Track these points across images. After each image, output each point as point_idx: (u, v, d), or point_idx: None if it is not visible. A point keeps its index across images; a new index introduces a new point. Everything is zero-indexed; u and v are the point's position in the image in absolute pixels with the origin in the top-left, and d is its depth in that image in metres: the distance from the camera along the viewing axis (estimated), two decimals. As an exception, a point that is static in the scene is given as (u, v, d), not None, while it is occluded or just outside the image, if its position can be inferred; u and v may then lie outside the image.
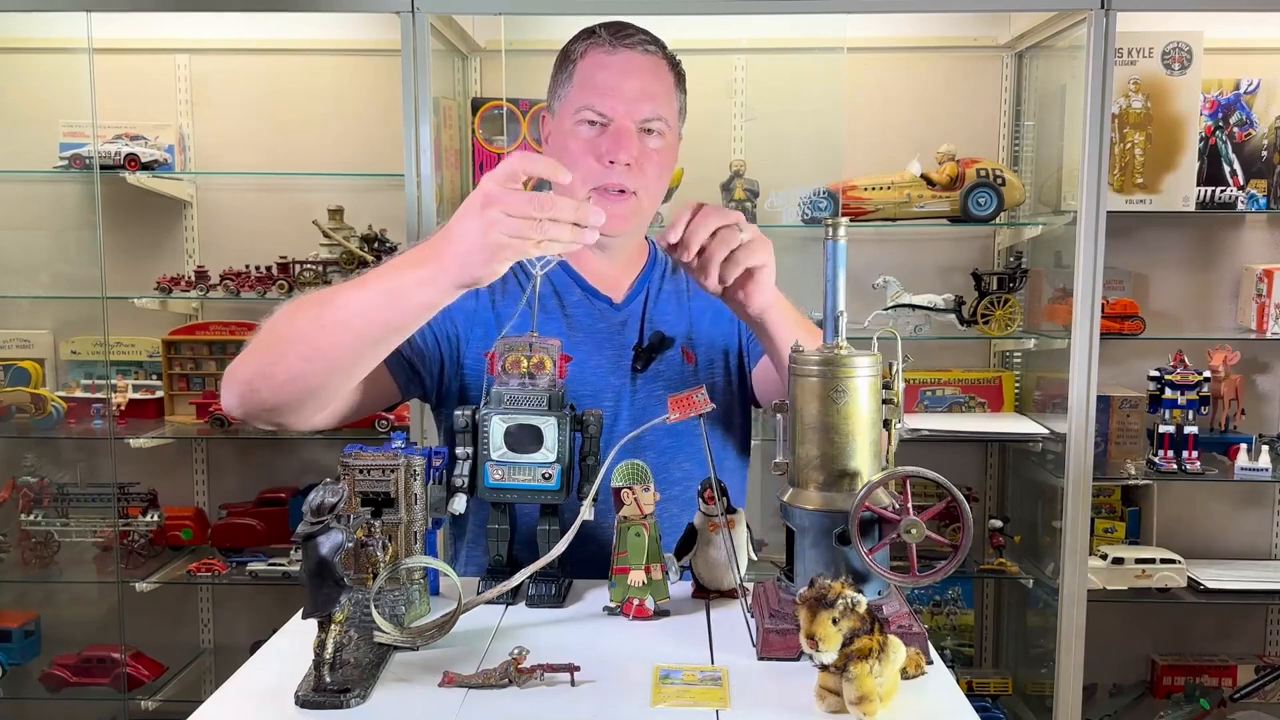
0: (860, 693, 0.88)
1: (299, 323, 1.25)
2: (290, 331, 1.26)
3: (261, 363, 1.28)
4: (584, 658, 1.00)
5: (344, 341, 1.22)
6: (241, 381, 1.29)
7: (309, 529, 0.91)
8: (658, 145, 1.47)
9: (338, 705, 0.93)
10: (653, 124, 1.46)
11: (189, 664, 2.95)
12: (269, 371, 1.27)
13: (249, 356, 1.30)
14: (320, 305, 1.24)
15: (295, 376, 1.25)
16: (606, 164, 1.44)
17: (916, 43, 2.88)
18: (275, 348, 1.27)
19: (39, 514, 2.78)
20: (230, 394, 1.31)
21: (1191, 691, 2.82)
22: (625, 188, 1.45)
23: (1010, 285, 2.69)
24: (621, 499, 1.16)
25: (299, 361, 1.24)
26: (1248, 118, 2.73)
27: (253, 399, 1.30)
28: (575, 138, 1.46)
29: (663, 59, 1.50)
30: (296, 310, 1.27)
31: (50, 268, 2.90)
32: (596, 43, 1.47)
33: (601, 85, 1.44)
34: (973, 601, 2.96)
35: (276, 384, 1.27)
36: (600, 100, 1.44)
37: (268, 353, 1.28)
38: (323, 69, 2.90)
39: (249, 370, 1.29)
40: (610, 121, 1.44)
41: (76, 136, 2.70)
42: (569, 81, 1.48)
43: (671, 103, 1.50)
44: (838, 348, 1.07)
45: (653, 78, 1.47)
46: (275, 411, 1.31)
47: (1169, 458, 2.65)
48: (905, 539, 1.00)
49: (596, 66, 1.46)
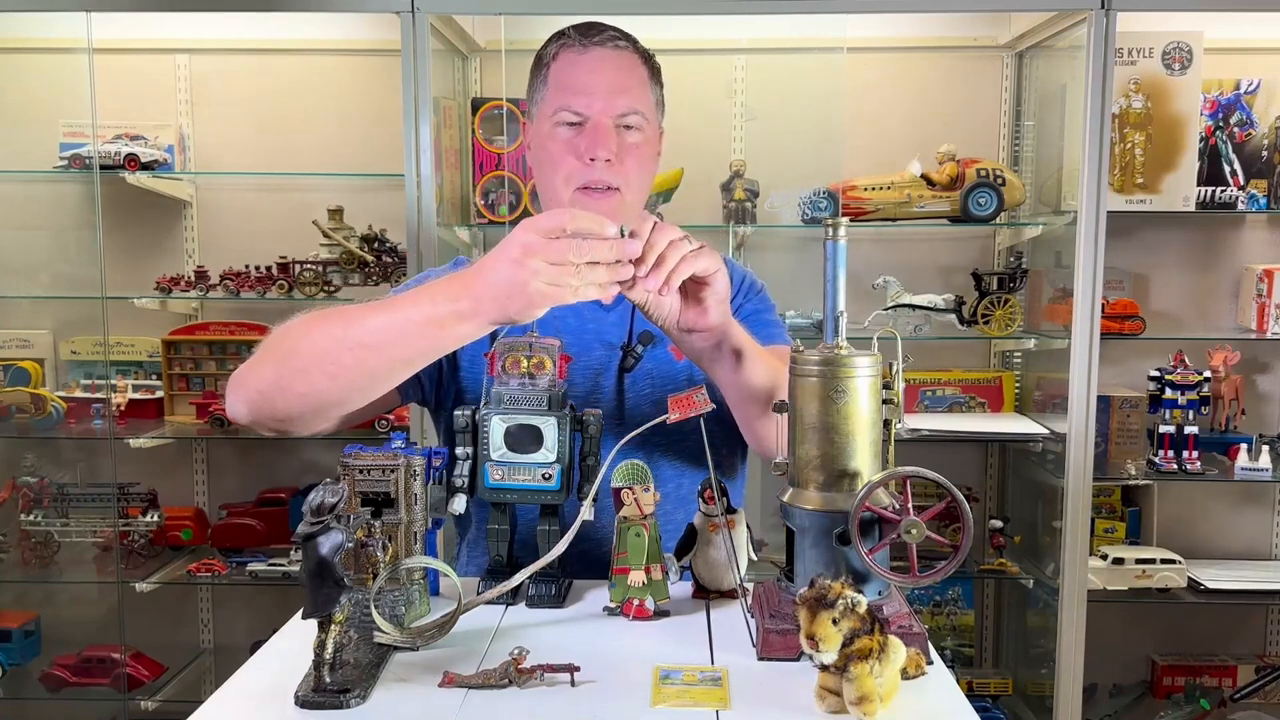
0: (860, 693, 0.88)
1: (321, 341, 1.24)
2: (311, 348, 1.25)
3: (279, 375, 1.27)
4: (584, 658, 1.00)
5: (373, 363, 1.22)
6: (254, 391, 1.29)
7: (309, 529, 0.91)
8: (636, 139, 1.47)
9: (338, 705, 0.93)
10: (629, 118, 1.46)
11: (189, 664, 2.95)
12: (287, 385, 1.26)
13: (262, 366, 1.29)
14: (345, 325, 1.23)
15: (316, 392, 1.25)
16: (587, 161, 1.44)
17: (916, 43, 2.88)
18: (294, 362, 1.26)
19: (39, 514, 2.78)
20: (238, 401, 1.30)
21: (1191, 691, 2.82)
22: (609, 184, 1.46)
23: (1010, 285, 2.69)
24: (621, 499, 1.16)
25: (323, 379, 1.24)
26: (1248, 118, 2.73)
27: (265, 409, 1.29)
28: (554, 139, 1.46)
29: (634, 53, 1.50)
30: (315, 326, 1.26)
31: (50, 268, 2.90)
32: (567, 43, 1.48)
33: (574, 84, 1.45)
34: (973, 602, 2.96)
35: (294, 397, 1.27)
36: (575, 99, 1.44)
37: (286, 366, 1.27)
38: (323, 69, 2.90)
39: (264, 381, 1.28)
40: (587, 119, 1.44)
41: (76, 136, 2.70)
42: (544, 85, 1.49)
43: (647, 96, 1.50)
44: (838, 348, 1.07)
45: (626, 72, 1.48)
46: (286, 421, 1.31)
47: (1169, 458, 2.65)
48: (905, 539, 0.99)
49: (568, 66, 1.47)
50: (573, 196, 1.47)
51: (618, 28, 1.50)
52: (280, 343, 1.30)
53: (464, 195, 2.76)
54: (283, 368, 1.27)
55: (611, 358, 1.51)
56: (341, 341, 1.22)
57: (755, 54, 2.87)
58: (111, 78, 2.71)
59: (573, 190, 1.46)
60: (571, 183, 1.45)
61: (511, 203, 2.69)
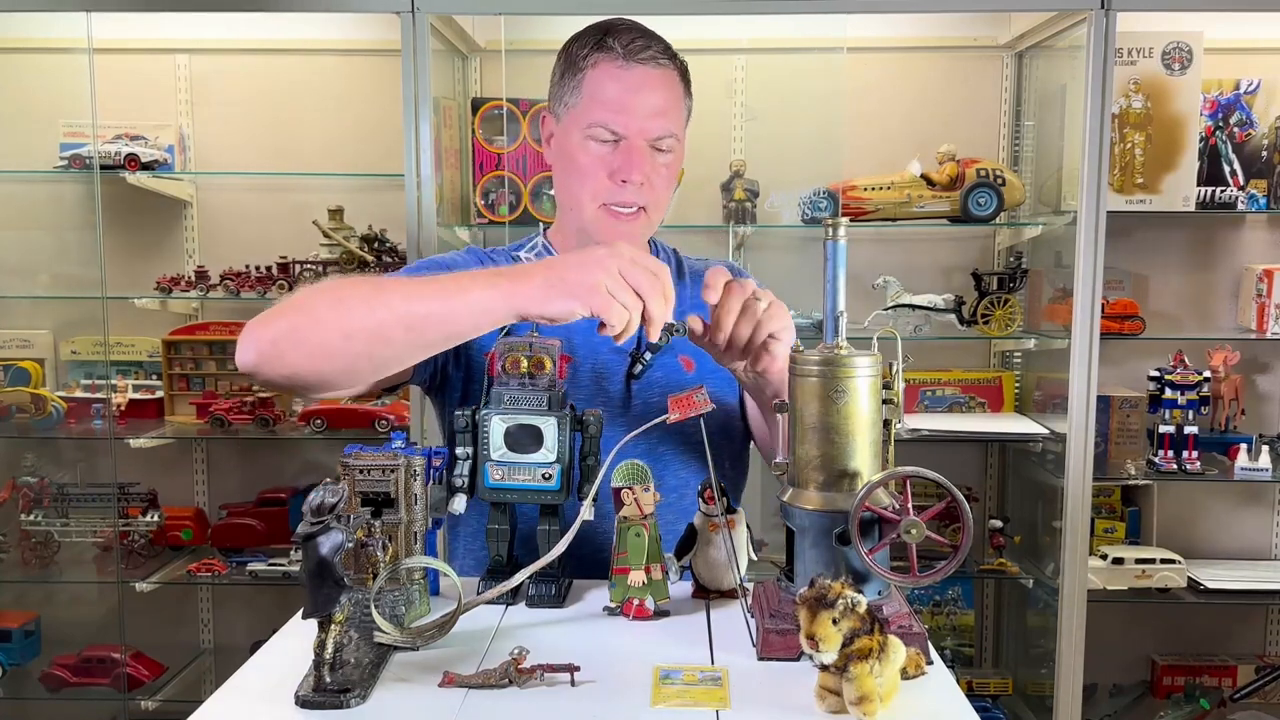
0: (860, 693, 0.88)
1: (349, 300, 1.21)
2: (336, 305, 1.22)
3: (295, 324, 1.24)
4: (584, 658, 1.00)
5: (430, 337, 1.22)
6: (266, 340, 1.24)
7: (309, 529, 0.91)
8: (667, 160, 1.47)
9: (338, 705, 0.93)
10: (664, 141, 1.45)
11: (189, 664, 2.95)
12: (302, 337, 1.23)
13: (278, 316, 1.25)
14: (377, 292, 1.22)
15: (328, 351, 1.22)
16: (619, 182, 1.43)
17: (916, 43, 2.88)
18: (314, 314, 1.23)
19: (39, 514, 2.78)
20: (248, 349, 1.24)
21: (1191, 691, 2.82)
22: (638, 205, 1.45)
23: (1010, 285, 2.69)
24: (621, 499, 1.16)
25: (339, 337, 1.21)
26: (1248, 118, 2.73)
27: (275, 359, 1.24)
28: (585, 152, 1.44)
29: (674, 70, 1.48)
30: (344, 286, 1.24)
31: (50, 268, 2.90)
32: (609, 55, 1.43)
33: (614, 102, 1.42)
34: (973, 601, 2.96)
35: (305, 351, 1.23)
36: (613, 118, 1.42)
37: (304, 316, 1.24)
38: (323, 69, 2.90)
39: (276, 330, 1.24)
40: (623, 139, 1.43)
41: (76, 136, 2.70)
42: (578, 91, 1.45)
43: (681, 115, 1.49)
44: (838, 348, 1.07)
45: (665, 92, 1.45)
46: (292, 379, 1.27)
47: (1169, 458, 2.65)
48: (905, 539, 0.99)
49: (608, 79, 1.43)
50: (596, 212, 1.46)
51: (661, 38, 1.47)
52: (303, 297, 1.26)
53: (464, 195, 2.76)
54: (299, 318, 1.24)
55: (620, 363, 1.51)
56: (367, 303, 1.20)
57: (755, 54, 2.87)
58: (111, 78, 2.71)
59: (598, 206, 1.45)
60: (598, 199, 1.45)
61: (511, 203, 2.69)
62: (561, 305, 1.14)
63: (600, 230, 1.47)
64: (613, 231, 1.46)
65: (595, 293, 1.12)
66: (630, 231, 1.46)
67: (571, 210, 1.50)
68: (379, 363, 1.26)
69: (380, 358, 1.25)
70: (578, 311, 1.14)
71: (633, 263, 1.14)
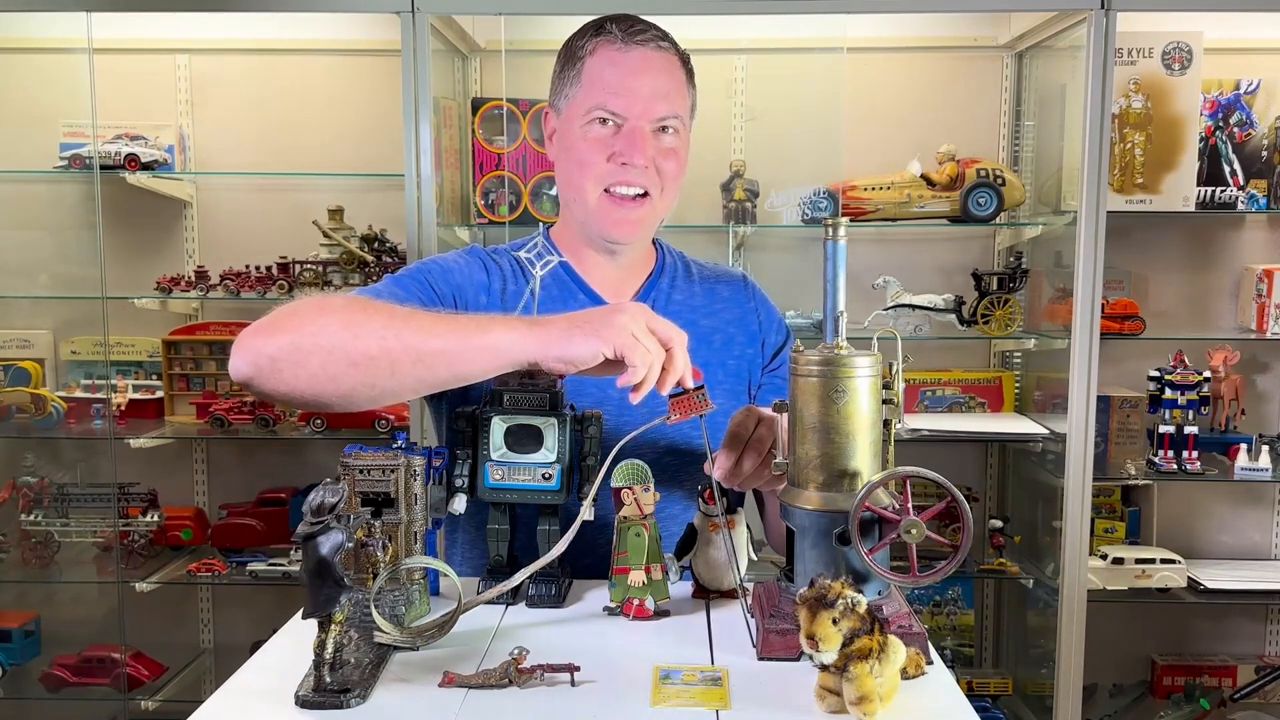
0: (860, 693, 0.88)
1: (362, 325, 1.17)
2: (347, 328, 1.17)
3: (298, 344, 1.18)
4: (584, 658, 1.00)
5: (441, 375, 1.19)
6: (265, 356, 1.18)
7: (309, 529, 0.91)
8: (672, 143, 1.44)
9: (338, 705, 0.93)
10: (668, 122, 1.43)
11: (189, 664, 2.95)
12: (304, 358, 1.17)
13: (279, 330, 1.19)
14: (391, 320, 1.19)
15: (331, 375, 1.17)
16: (619, 164, 1.41)
17: (916, 43, 2.88)
18: (320, 335, 1.17)
19: (39, 514, 2.78)
20: (244, 362, 1.19)
21: (1191, 691, 2.82)
22: (641, 190, 1.43)
23: (1010, 285, 2.69)
24: (621, 499, 1.16)
25: (344, 364, 1.17)
26: (1248, 118, 2.73)
27: (272, 376, 1.19)
28: (585, 138, 1.42)
29: (675, 55, 1.46)
30: (356, 309, 1.20)
31: (50, 268, 2.90)
32: (607, 39, 1.42)
33: (614, 84, 1.40)
34: (973, 601, 2.96)
35: (306, 373, 1.17)
36: (613, 99, 1.40)
37: (309, 337, 1.18)
38: (323, 69, 2.90)
39: (277, 346, 1.18)
40: (624, 121, 1.41)
41: (76, 136, 2.70)
42: (577, 80, 1.43)
43: (684, 100, 1.47)
44: (838, 348, 1.07)
45: (667, 76, 1.43)
46: (287, 396, 1.21)
47: (1169, 458, 2.65)
48: (905, 539, 0.99)
49: (608, 64, 1.41)
50: (600, 199, 1.43)
51: (659, 26, 1.46)
52: (310, 311, 1.21)
53: (464, 195, 2.76)
54: (301, 336, 1.18)
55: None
56: (413, 348, 1.17)
57: (755, 54, 2.87)
58: (111, 78, 2.71)
59: (601, 191, 1.43)
60: (601, 183, 1.42)
61: (511, 203, 2.69)
62: (584, 346, 1.12)
63: (603, 219, 1.44)
64: (616, 219, 1.43)
65: (620, 333, 1.11)
66: (635, 218, 1.44)
67: (574, 203, 1.47)
68: (379, 393, 1.21)
69: (382, 389, 1.20)
70: (601, 352, 1.12)
71: (655, 316, 1.15)
